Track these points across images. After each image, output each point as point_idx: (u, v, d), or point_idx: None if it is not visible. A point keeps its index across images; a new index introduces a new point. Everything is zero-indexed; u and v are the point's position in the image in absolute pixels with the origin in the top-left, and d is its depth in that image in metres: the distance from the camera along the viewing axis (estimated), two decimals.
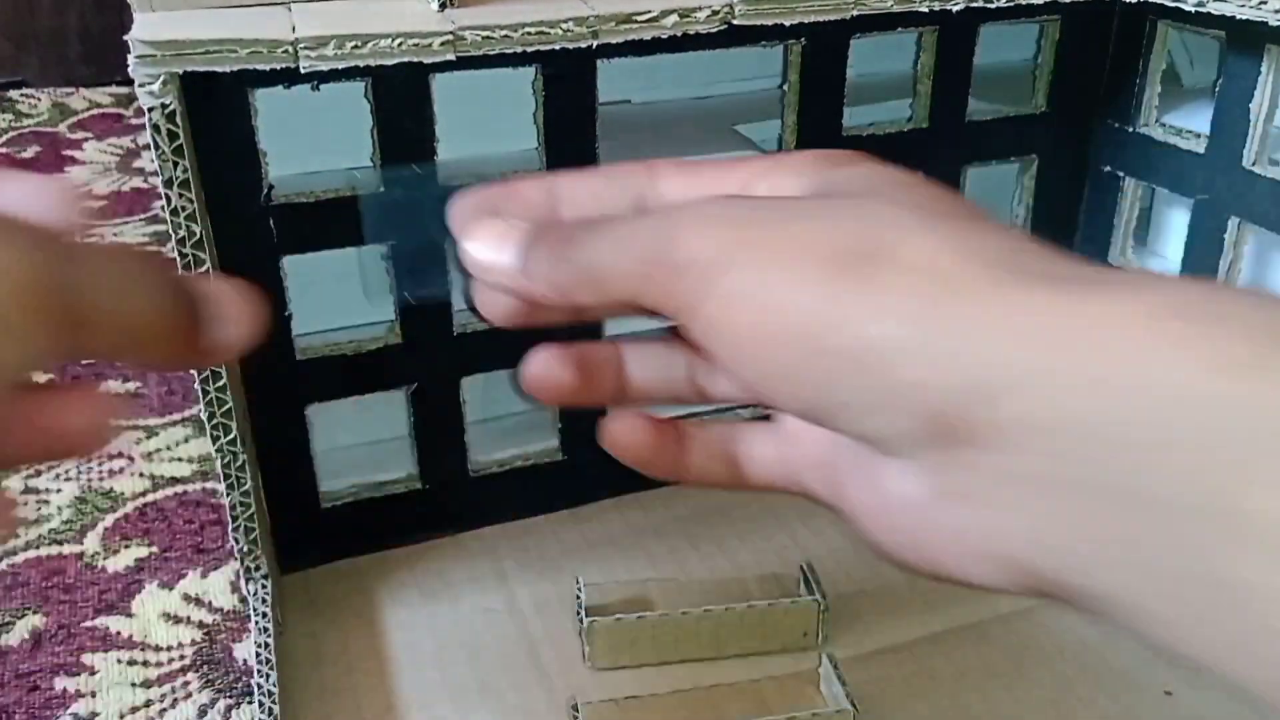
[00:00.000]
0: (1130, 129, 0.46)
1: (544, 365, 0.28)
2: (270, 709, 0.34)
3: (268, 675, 0.35)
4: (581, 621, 0.38)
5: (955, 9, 0.39)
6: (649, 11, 0.34)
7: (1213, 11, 0.38)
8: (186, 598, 0.44)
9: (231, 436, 0.35)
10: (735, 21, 0.36)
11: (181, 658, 0.41)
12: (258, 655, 0.36)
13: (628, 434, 0.29)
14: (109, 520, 0.48)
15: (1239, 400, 0.19)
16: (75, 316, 0.22)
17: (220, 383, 0.34)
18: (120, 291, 0.23)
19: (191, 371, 0.34)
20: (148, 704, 0.39)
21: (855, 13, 0.38)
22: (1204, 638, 0.20)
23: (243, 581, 0.39)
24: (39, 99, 1.04)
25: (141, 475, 0.51)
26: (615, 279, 0.26)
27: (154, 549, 0.47)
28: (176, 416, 0.56)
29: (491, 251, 0.28)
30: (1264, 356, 0.19)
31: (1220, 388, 0.19)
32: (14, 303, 0.20)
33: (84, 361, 0.60)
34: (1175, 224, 0.49)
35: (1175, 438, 0.19)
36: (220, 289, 0.25)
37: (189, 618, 0.43)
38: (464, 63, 0.33)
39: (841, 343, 0.23)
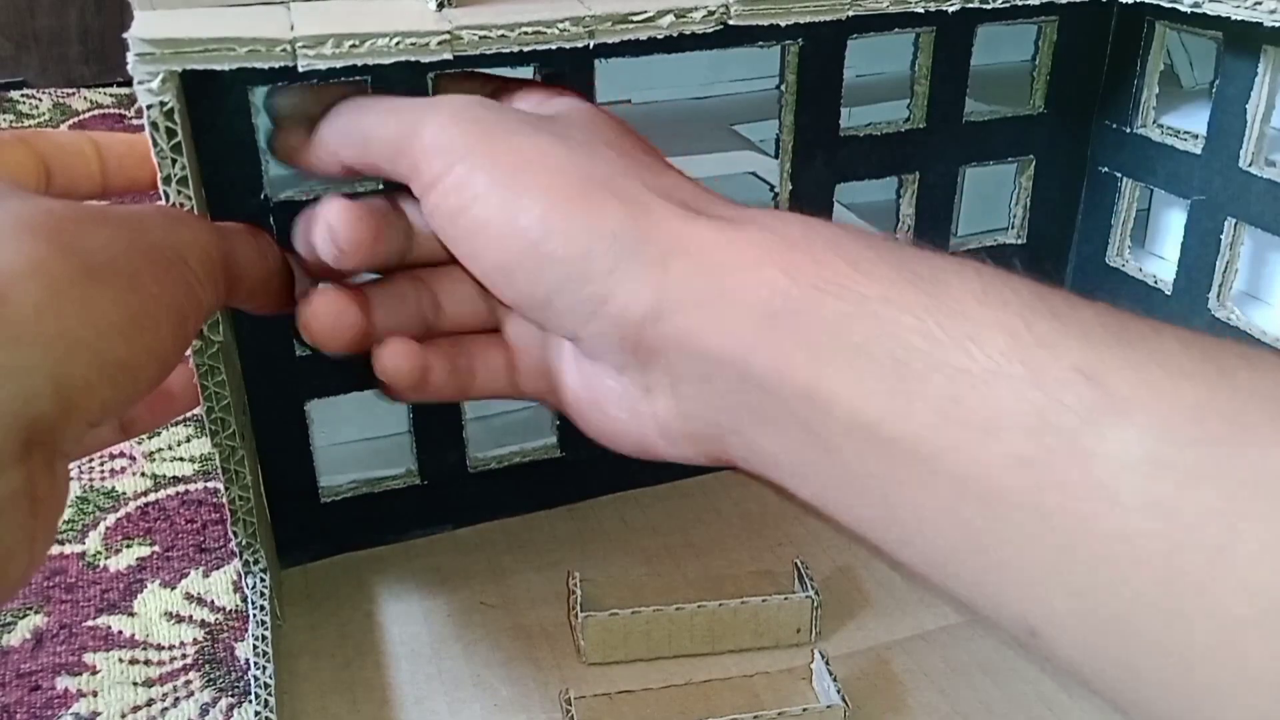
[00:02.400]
0: (1128, 130, 0.46)
1: (331, 303, 0.33)
2: (266, 700, 0.34)
3: (264, 668, 0.35)
4: (576, 616, 0.38)
5: (952, 10, 0.39)
6: (645, 12, 0.34)
7: (1209, 12, 0.38)
8: (189, 597, 0.44)
9: (230, 431, 0.35)
10: (731, 22, 0.36)
11: (184, 657, 0.41)
12: (255, 648, 0.36)
13: (402, 359, 0.34)
14: (110, 520, 0.49)
15: (812, 308, 0.25)
16: (233, 275, 0.30)
17: (219, 378, 0.34)
18: (254, 259, 0.32)
19: (191, 367, 0.34)
20: (149, 703, 0.39)
21: (851, 13, 0.38)
22: (817, 485, 0.27)
23: (242, 576, 0.39)
24: (40, 99, 1.04)
25: (143, 475, 0.52)
26: (375, 145, 0.32)
27: (156, 548, 0.47)
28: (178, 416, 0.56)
29: (292, 135, 0.34)
30: (838, 275, 0.25)
31: (803, 298, 0.25)
32: (207, 268, 0.28)
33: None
34: (1172, 225, 0.49)
35: (768, 338, 0.26)
36: (294, 258, 0.35)
37: (191, 617, 0.43)
38: (461, 62, 0.33)
39: (559, 250, 0.28)
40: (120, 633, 0.42)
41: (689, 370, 0.28)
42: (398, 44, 0.32)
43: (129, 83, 0.30)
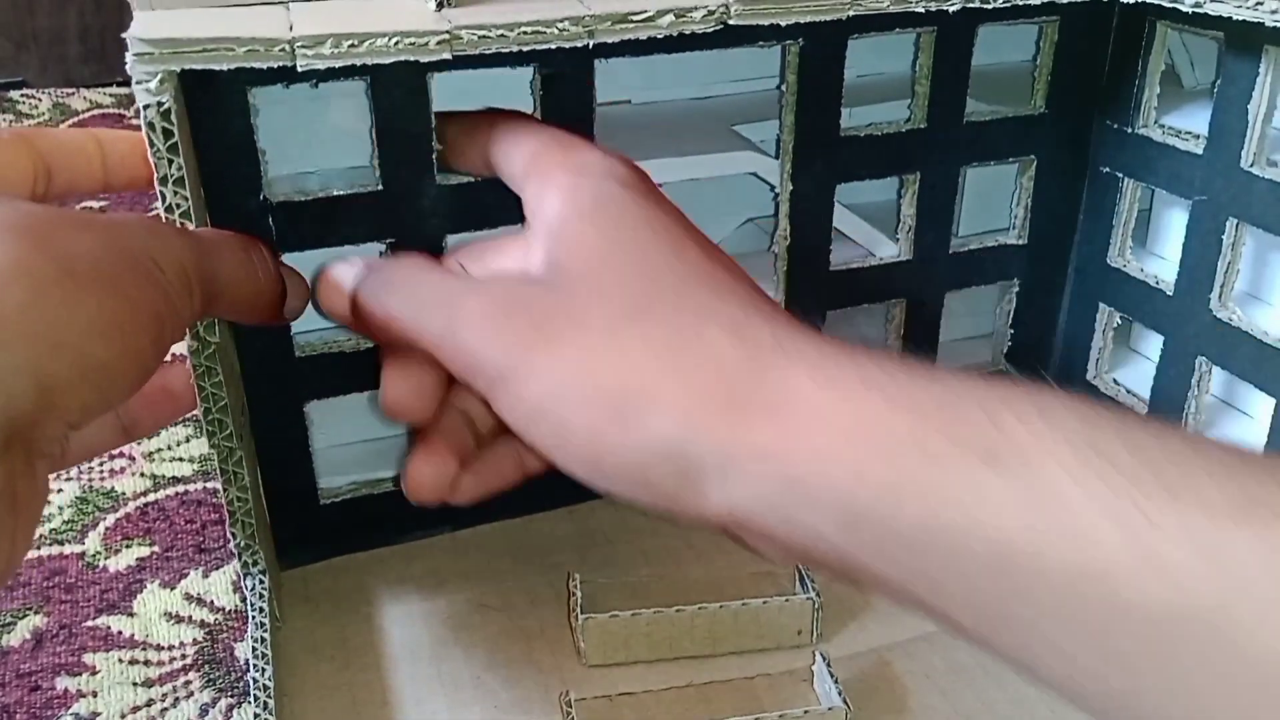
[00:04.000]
0: (1129, 130, 0.46)
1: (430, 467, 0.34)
2: (265, 703, 0.34)
3: (264, 670, 0.35)
4: (576, 618, 0.38)
5: (953, 9, 0.39)
6: (645, 11, 0.34)
7: (1210, 12, 0.38)
8: (188, 597, 0.44)
9: (228, 432, 0.35)
10: (731, 22, 0.36)
11: (183, 657, 0.41)
12: (254, 650, 0.36)
13: (431, 475, 0.34)
14: (110, 520, 0.49)
15: (889, 514, 0.24)
16: (211, 289, 0.30)
17: (216, 379, 0.34)
18: (239, 274, 0.32)
19: (188, 367, 0.34)
20: (149, 703, 0.39)
21: (852, 13, 0.38)
22: (934, 619, 0.26)
23: (242, 578, 0.39)
24: (39, 99, 1.04)
25: (143, 475, 0.52)
26: (420, 341, 0.31)
27: (155, 548, 0.47)
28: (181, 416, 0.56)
29: (331, 295, 0.33)
30: (912, 471, 0.24)
31: (872, 507, 0.24)
32: (183, 279, 0.28)
33: None
34: (1174, 225, 0.49)
35: (849, 541, 0.25)
36: (287, 270, 0.34)
37: (191, 617, 0.43)
38: (461, 62, 0.33)
39: (616, 474, 0.28)
40: (120, 633, 0.42)
41: (780, 552, 0.28)
42: (397, 44, 0.32)
43: (129, 83, 0.29)
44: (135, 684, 0.40)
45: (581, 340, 0.28)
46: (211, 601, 0.44)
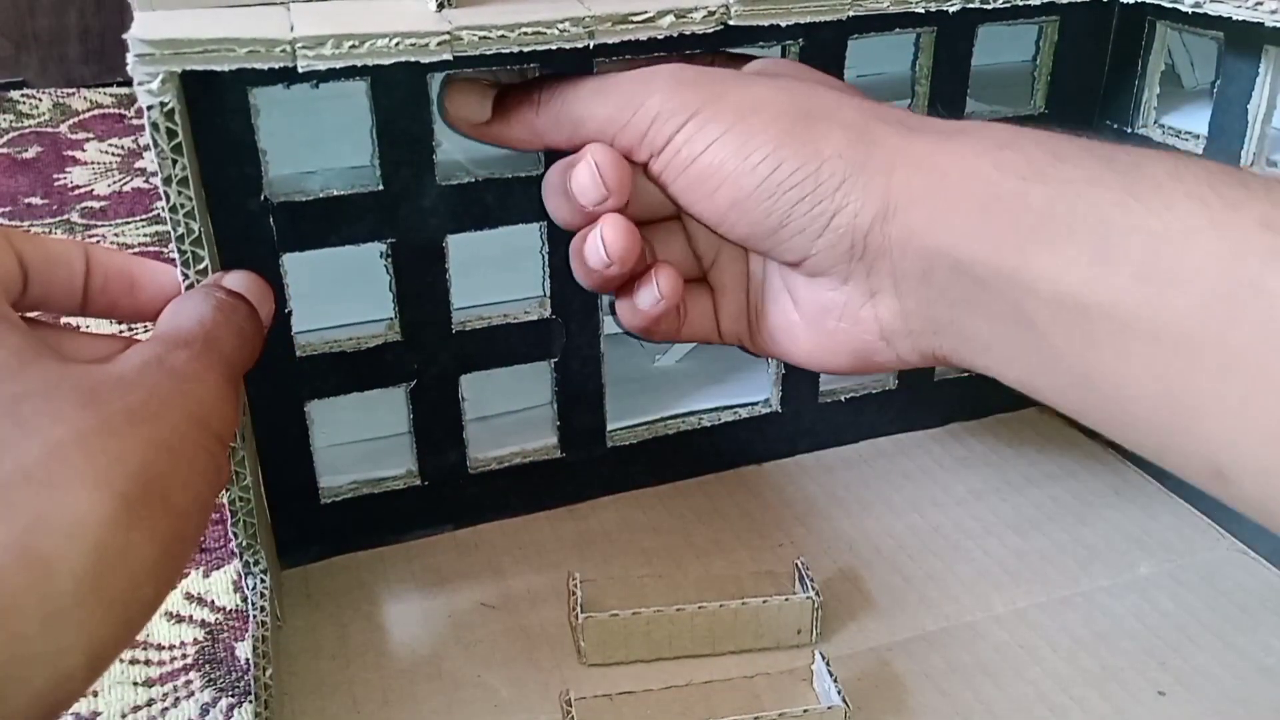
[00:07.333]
0: (1129, 130, 0.46)
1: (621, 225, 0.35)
2: (266, 703, 0.34)
3: (265, 669, 0.35)
4: (576, 617, 0.38)
5: (953, 10, 0.39)
6: (645, 12, 0.34)
7: (1210, 12, 0.38)
8: (189, 596, 0.44)
9: None
10: (731, 22, 0.36)
11: (184, 656, 0.41)
12: (255, 649, 0.36)
13: (678, 280, 0.37)
14: None
15: (1021, 195, 0.28)
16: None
17: None
18: (250, 349, 0.31)
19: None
20: (150, 703, 0.39)
21: (852, 13, 0.38)
22: (1022, 366, 0.29)
23: (243, 577, 0.39)
24: (39, 99, 1.04)
25: None
26: (591, 123, 0.34)
27: None
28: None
29: (467, 107, 0.36)
30: (1044, 166, 0.28)
31: (1013, 188, 0.28)
32: (228, 424, 0.28)
33: None
34: None
35: (982, 228, 0.28)
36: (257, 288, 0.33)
37: (191, 616, 0.43)
38: (461, 63, 0.33)
39: (791, 178, 0.31)
40: None
41: (911, 267, 0.30)
42: (397, 44, 0.32)
43: (129, 83, 0.29)
44: (135, 684, 0.40)
45: (769, 83, 0.33)
46: (212, 601, 0.44)
